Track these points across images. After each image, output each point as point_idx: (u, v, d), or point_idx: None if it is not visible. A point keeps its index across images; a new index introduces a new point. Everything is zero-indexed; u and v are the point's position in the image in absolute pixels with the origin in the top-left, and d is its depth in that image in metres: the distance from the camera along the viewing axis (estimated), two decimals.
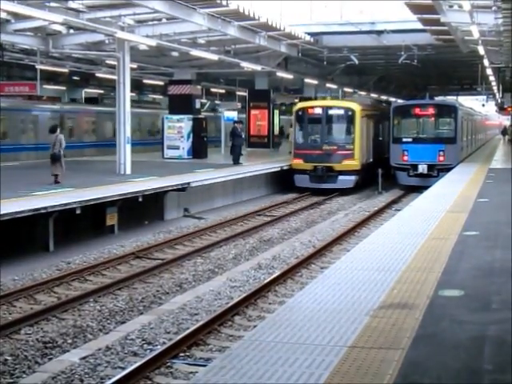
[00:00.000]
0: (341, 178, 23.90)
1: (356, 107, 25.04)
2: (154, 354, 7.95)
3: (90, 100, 35.88)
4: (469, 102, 47.99)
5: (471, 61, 30.20)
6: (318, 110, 24.67)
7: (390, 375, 4.54)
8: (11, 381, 7.61)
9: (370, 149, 26.44)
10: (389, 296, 6.55)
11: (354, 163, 24.19)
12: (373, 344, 5.18)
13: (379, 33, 26.30)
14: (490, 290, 6.76)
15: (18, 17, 18.18)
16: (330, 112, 24.74)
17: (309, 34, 25.84)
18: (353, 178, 24.26)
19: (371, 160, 26.29)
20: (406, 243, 9.32)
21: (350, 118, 24.70)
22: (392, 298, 6.46)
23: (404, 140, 25.33)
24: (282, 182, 26.25)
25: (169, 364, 7.85)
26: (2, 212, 12.27)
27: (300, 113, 25.15)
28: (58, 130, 17.70)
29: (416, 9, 18.41)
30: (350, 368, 4.69)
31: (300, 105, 26.68)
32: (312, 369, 4.68)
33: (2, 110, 25.50)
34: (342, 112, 25.00)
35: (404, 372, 4.60)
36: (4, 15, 18.27)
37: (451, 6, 18.04)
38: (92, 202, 14.70)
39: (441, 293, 6.63)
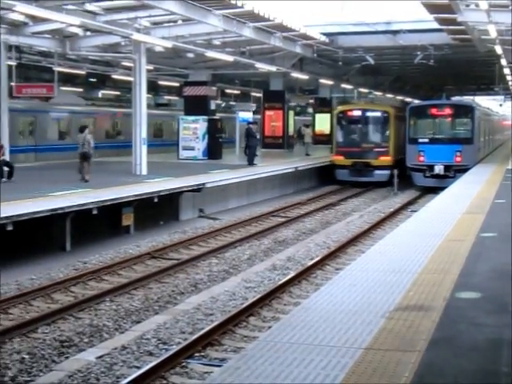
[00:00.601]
0: (377, 172, 26.45)
1: (390, 110, 27.77)
2: (169, 353, 7.98)
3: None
4: (486, 103, 47.65)
5: (488, 60, 29.99)
6: (357, 113, 27.62)
7: (406, 377, 4.52)
8: (28, 379, 7.67)
9: (401, 146, 27.70)
10: (405, 298, 6.53)
11: (389, 159, 26.74)
12: (389, 346, 5.16)
13: (395, 33, 26.19)
14: (507, 292, 6.71)
15: (36, 19, 18.33)
16: (368, 114, 27.56)
17: (324, 34, 25.80)
18: (387, 172, 26.31)
19: (401, 156, 27.40)
20: (423, 245, 9.28)
21: (385, 120, 27.34)
22: (408, 300, 6.44)
23: (420, 141, 25.24)
24: (296, 183, 26.26)
25: (184, 364, 7.87)
26: (20, 212, 12.39)
27: (341, 115, 27.79)
28: (87, 131, 18.29)
29: (432, 8, 18.31)
30: (365, 370, 4.68)
31: (340, 108, 29.14)
32: (327, 370, 4.68)
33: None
34: (378, 114, 27.66)
35: (420, 374, 4.58)
36: (22, 18, 18.44)
37: (468, 6, 17.93)
38: (108, 203, 14.78)
39: (458, 295, 6.60)
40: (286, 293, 11.04)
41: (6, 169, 17.51)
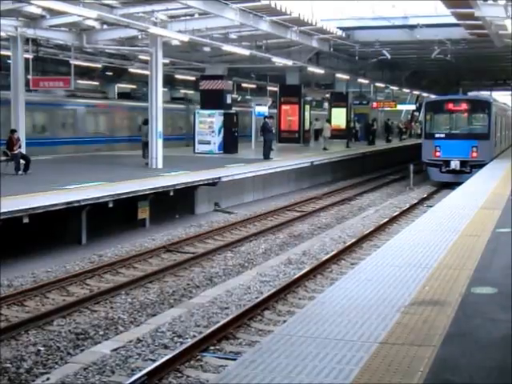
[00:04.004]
0: None
1: None
2: (184, 346, 8.01)
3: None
4: (503, 98, 47.24)
5: (506, 55, 29.74)
6: None
7: (421, 372, 4.51)
8: (44, 371, 7.73)
9: None
10: (420, 293, 6.51)
11: None
12: (404, 341, 5.15)
13: (412, 27, 26.04)
14: None
15: (53, 12, 18.40)
16: None
17: (341, 28, 25.70)
18: None
19: None
20: (438, 240, 9.23)
21: None
22: (424, 295, 6.42)
23: (436, 136, 25.08)
24: (312, 177, 26.21)
25: (199, 357, 7.89)
26: (36, 205, 12.48)
27: None
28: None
29: (450, 3, 18.19)
30: (380, 364, 4.67)
31: None
32: (342, 364, 4.68)
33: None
34: None
35: (435, 369, 4.56)
36: (39, 11, 18.52)
37: (486, 0, 17.79)
38: (124, 196, 14.83)
39: (473, 290, 6.57)
40: (301, 287, 11.05)
41: (22, 162, 17.63)
